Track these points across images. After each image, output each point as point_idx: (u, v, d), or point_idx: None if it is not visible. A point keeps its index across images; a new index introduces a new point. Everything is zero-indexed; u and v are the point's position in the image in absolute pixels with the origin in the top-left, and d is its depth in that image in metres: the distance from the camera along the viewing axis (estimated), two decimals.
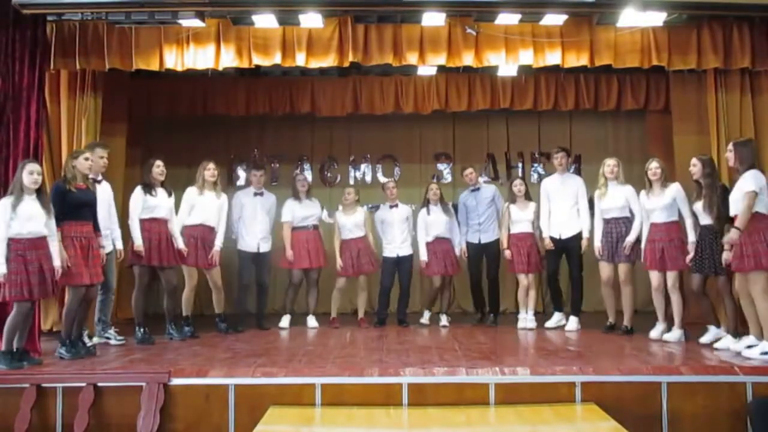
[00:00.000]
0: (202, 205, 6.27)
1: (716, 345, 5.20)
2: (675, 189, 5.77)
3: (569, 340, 5.97)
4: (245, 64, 6.40)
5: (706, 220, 5.45)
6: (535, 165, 8.61)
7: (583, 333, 6.25)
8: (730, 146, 5.13)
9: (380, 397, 4.36)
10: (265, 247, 6.72)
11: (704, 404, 4.36)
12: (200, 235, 6.24)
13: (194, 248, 6.20)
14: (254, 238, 6.65)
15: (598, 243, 6.20)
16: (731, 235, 4.86)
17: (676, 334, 5.68)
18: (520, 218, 6.62)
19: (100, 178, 5.74)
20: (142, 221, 5.87)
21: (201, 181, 6.32)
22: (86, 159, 5.19)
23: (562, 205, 6.50)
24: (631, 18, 5.96)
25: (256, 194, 6.79)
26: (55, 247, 4.84)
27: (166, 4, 5.93)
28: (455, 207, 7.16)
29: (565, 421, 4.14)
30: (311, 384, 4.39)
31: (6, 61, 5.60)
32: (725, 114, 6.53)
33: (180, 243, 6.06)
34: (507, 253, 6.66)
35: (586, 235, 6.37)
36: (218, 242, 6.35)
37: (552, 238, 6.52)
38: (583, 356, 5.07)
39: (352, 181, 8.54)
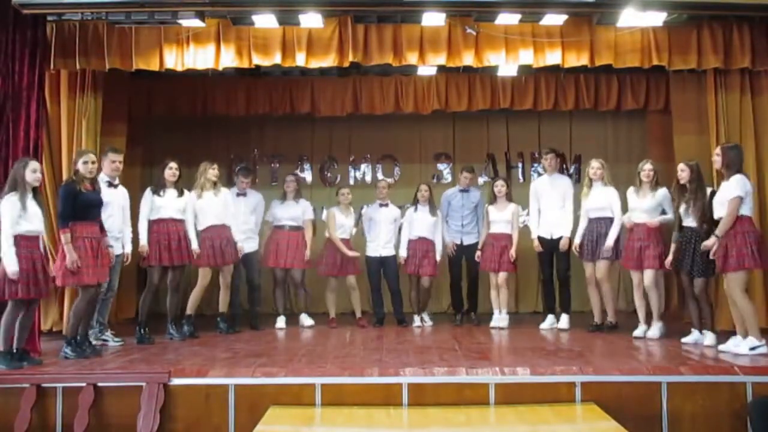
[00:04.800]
0: (203, 208, 6.27)
1: (720, 347, 5.20)
2: (663, 193, 5.94)
3: (569, 340, 5.97)
4: (245, 64, 6.39)
5: (689, 221, 5.53)
6: (535, 165, 8.59)
7: (582, 333, 6.25)
8: (718, 150, 5.27)
9: (380, 397, 4.36)
10: (249, 247, 6.71)
11: (704, 404, 4.37)
12: (214, 236, 6.26)
13: (210, 249, 6.21)
14: (237, 240, 6.61)
15: (576, 241, 6.29)
16: (708, 242, 5.08)
17: (655, 329, 5.81)
18: (498, 219, 6.65)
19: (116, 182, 5.76)
20: (150, 222, 5.92)
21: (202, 180, 6.31)
22: (85, 163, 5.15)
23: (553, 206, 6.57)
24: (631, 18, 5.96)
25: (238, 195, 6.79)
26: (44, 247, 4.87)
27: (166, 4, 5.93)
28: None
29: (565, 421, 4.15)
30: (311, 384, 4.39)
31: (6, 61, 5.61)
32: (725, 114, 6.53)
33: (194, 244, 6.08)
34: (478, 254, 6.72)
35: (567, 234, 6.44)
36: (236, 237, 6.40)
37: (543, 239, 6.55)
38: (583, 356, 5.07)
39: (352, 181, 8.54)
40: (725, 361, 4.77)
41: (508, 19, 6.10)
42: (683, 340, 5.59)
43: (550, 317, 6.62)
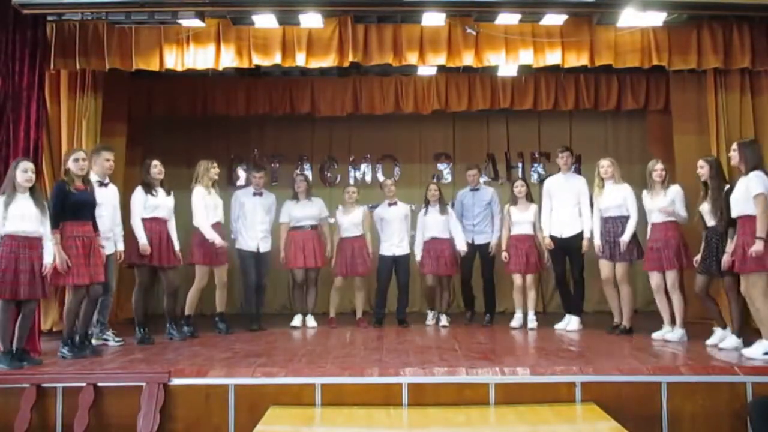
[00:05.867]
0: (214, 205, 6.30)
1: (721, 345, 5.20)
2: (675, 190, 5.83)
3: (569, 340, 5.97)
4: (245, 64, 6.40)
5: (712, 221, 5.44)
6: (535, 165, 8.61)
7: (583, 333, 6.26)
8: (735, 146, 5.09)
9: (380, 397, 4.35)
10: (264, 246, 6.74)
11: (704, 404, 4.36)
12: (217, 233, 6.27)
13: (210, 247, 6.21)
14: (254, 239, 6.66)
15: (597, 241, 6.22)
16: (756, 248, 4.68)
17: (677, 333, 5.70)
18: (521, 220, 6.63)
19: (107, 180, 5.76)
20: (143, 221, 5.88)
21: (206, 180, 6.32)
22: (75, 161, 5.14)
23: (564, 205, 6.50)
24: (631, 18, 5.96)
25: (255, 194, 6.80)
26: (48, 247, 4.84)
27: (166, 4, 5.93)
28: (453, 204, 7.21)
29: (565, 421, 4.14)
30: (311, 384, 4.39)
31: (6, 61, 5.61)
32: (725, 114, 6.53)
33: (177, 245, 6.07)
34: (504, 255, 6.68)
35: (587, 235, 6.35)
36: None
37: (553, 237, 6.52)
38: (583, 356, 5.07)
39: (352, 181, 8.54)
40: (725, 361, 4.77)
41: (508, 19, 6.10)
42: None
43: (568, 317, 6.54)
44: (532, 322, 6.58)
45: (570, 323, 6.46)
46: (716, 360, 4.84)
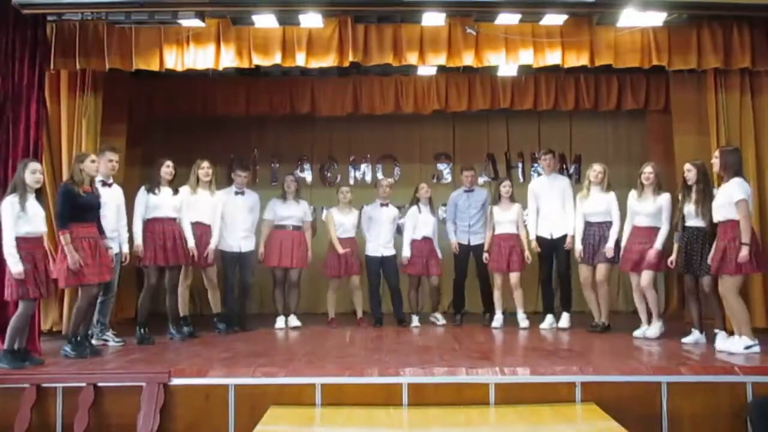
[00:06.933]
0: (195, 204, 6.27)
1: (717, 346, 5.21)
2: (664, 198, 5.91)
3: (569, 340, 5.97)
4: (245, 64, 6.39)
5: (694, 221, 5.51)
6: (535, 165, 8.59)
7: (583, 333, 6.25)
8: (717, 153, 5.30)
9: (380, 397, 4.36)
10: (246, 246, 6.69)
11: (704, 404, 4.37)
12: (196, 233, 6.23)
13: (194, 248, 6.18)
14: (235, 238, 6.61)
15: (579, 245, 6.30)
16: (742, 254, 4.89)
17: (654, 328, 5.81)
18: (503, 219, 6.65)
19: (111, 181, 5.77)
20: (146, 221, 5.91)
21: (194, 179, 6.32)
22: (93, 162, 5.22)
23: (552, 206, 6.58)
24: (631, 18, 5.96)
25: (237, 193, 6.76)
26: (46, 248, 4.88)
27: (166, 4, 5.94)
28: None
29: (565, 421, 4.15)
30: (311, 384, 4.39)
31: (6, 61, 5.60)
32: (725, 114, 6.52)
33: (191, 242, 6.10)
34: (485, 255, 6.72)
35: (570, 233, 6.45)
36: (213, 240, 6.37)
37: (542, 239, 6.57)
38: (583, 356, 5.07)
39: (352, 181, 8.55)
40: (725, 361, 4.77)
41: (508, 19, 6.10)
42: (683, 340, 5.59)
43: (549, 317, 6.62)
44: (523, 321, 6.60)
45: (561, 320, 6.53)
46: (716, 360, 4.84)
